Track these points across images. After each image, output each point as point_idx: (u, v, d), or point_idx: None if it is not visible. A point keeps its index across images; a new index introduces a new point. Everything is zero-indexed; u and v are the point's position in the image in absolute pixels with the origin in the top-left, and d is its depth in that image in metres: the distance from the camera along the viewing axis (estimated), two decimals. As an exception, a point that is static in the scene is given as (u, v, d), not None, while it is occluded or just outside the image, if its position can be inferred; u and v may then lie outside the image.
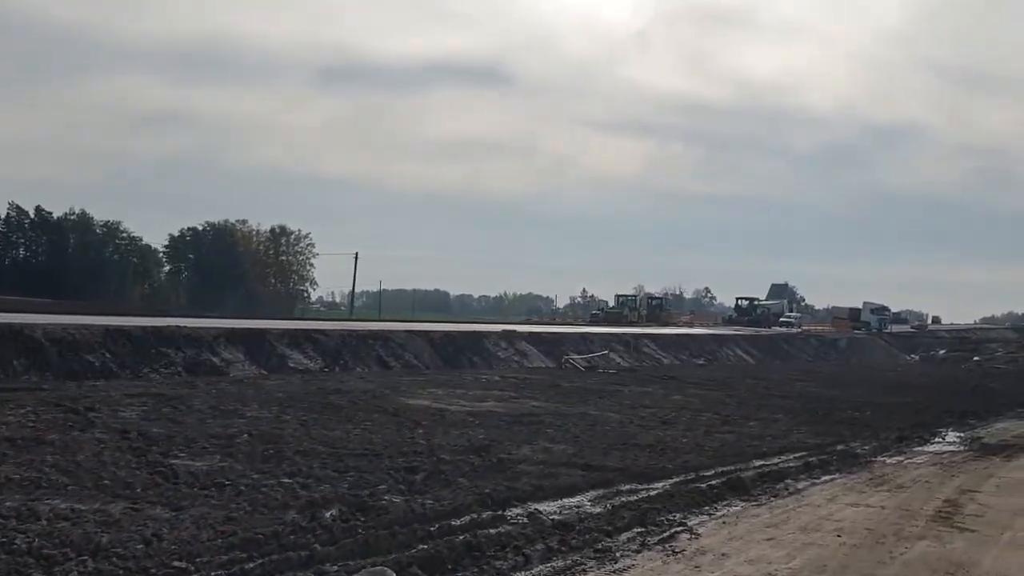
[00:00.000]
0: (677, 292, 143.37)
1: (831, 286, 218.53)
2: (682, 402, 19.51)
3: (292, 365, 24.82)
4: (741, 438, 14.26)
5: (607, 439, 12.92)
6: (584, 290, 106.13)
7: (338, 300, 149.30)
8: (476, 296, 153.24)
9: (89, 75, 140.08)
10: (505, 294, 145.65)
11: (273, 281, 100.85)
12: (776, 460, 12.25)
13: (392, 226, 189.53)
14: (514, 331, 37.38)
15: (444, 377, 23.12)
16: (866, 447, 14.27)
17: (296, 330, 27.44)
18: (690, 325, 65.21)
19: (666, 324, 64.40)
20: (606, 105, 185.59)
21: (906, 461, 13.11)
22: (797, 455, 12.77)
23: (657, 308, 69.91)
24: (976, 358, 58.96)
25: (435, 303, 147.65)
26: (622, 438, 13.11)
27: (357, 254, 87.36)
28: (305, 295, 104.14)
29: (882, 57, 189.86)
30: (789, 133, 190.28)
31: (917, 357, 64.12)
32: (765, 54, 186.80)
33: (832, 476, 11.26)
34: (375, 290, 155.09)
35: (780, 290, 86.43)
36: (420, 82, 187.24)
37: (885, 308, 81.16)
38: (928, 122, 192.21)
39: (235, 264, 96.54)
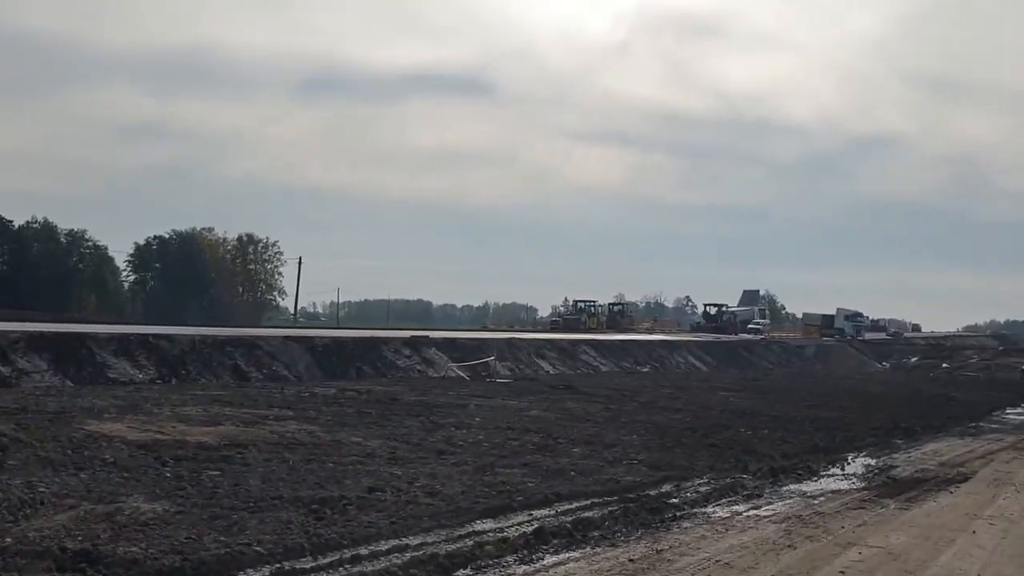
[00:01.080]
0: (658, 300, 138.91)
1: (812, 294, 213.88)
2: (530, 420, 15.13)
3: (112, 376, 20.58)
4: (536, 474, 9.94)
5: (294, 486, 8.47)
6: (566, 299, 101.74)
7: (319, 310, 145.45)
8: (459, 306, 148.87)
9: (70, 86, 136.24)
10: (487, 303, 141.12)
11: (241, 290, 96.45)
12: (539, 513, 7.91)
13: (375, 236, 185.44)
14: (426, 337, 32.92)
15: (244, 392, 18.49)
16: (707, 487, 9.91)
17: (130, 335, 23.05)
18: (650, 332, 60.76)
19: (626, 331, 59.93)
20: (588, 115, 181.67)
21: (748, 513, 8.76)
22: (582, 504, 8.40)
23: (618, 314, 65.42)
24: (945, 365, 54.52)
25: (417, 313, 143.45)
26: (321, 483, 8.67)
27: (301, 259, 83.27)
28: (274, 304, 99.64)
29: (860, 67, 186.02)
30: (769, 143, 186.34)
31: (887, 365, 59.65)
32: (744, 65, 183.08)
33: (584, 548, 6.84)
34: (357, 300, 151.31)
35: (752, 297, 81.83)
36: (401, 93, 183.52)
37: (859, 315, 76.69)
38: (906, 131, 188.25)
39: (200, 273, 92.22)
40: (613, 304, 66.68)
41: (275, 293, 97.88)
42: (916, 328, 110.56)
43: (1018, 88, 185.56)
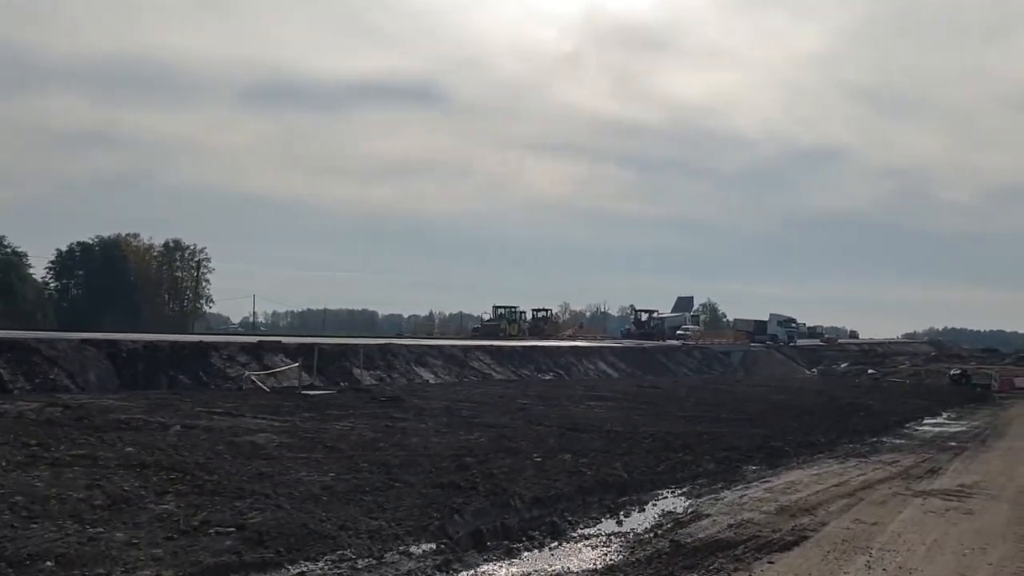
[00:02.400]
0: (603, 309, 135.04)
1: (758, 303, 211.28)
2: (205, 453, 10.39)
3: None
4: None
5: None
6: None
7: (261, 320, 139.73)
8: (406, 316, 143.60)
9: (10, 94, 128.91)
10: (433, 313, 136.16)
11: (167, 297, 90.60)
12: None
13: (322, 246, 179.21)
14: (278, 342, 28.13)
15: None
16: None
17: None
18: (573, 338, 56.37)
19: (549, 337, 55.49)
20: (539, 126, 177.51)
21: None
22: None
23: (542, 321, 60.99)
24: (871, 371, 51.05)
25: (362, 323, 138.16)
26: None
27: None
28: (201, 312, 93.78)
29: (804, 81, 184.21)
30: (716, 155, 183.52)
31: (815, 371, 55.92)
32: (692, 78, 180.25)
33: None
34: (298, 310, 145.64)
35: (686, 303, 77.99)
36: (351, 101, 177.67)
37: (792, 320, 73.03)
38: (849, 144, 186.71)
39: (122, 280, 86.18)
40: (537, 310, 62.23)
41: (202, 301, 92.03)
42: (854, 335, 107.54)
43: (957, 103, 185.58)
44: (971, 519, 9.02)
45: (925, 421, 25.02)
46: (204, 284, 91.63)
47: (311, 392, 20.55)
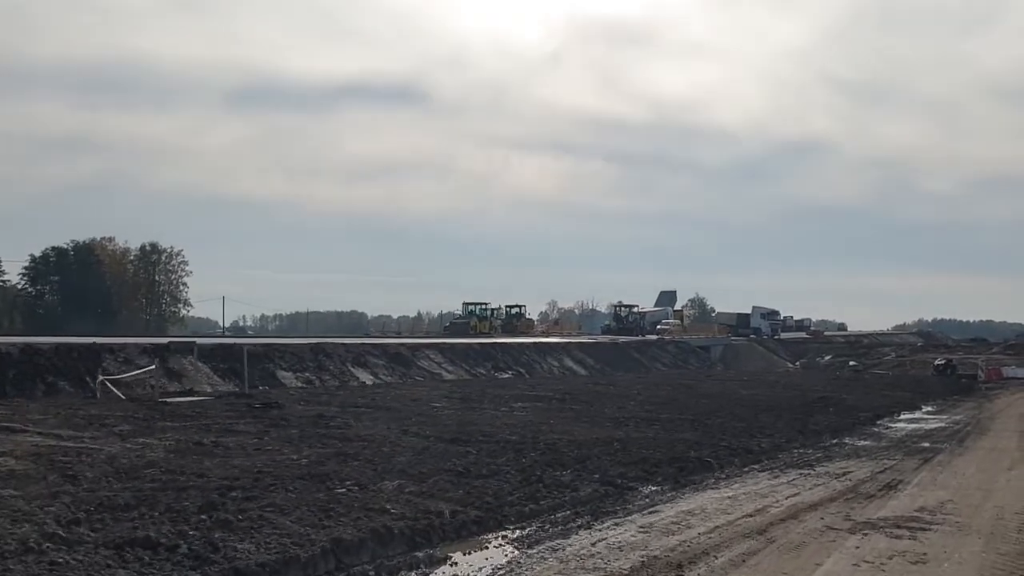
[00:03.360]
0: (592, 306, 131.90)
1: (746, 297, 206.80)
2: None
3: None
4: None
5: None
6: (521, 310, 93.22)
7: (250, 323, 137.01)
8: (395, 317, 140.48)
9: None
10: (421, 313, 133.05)
11: (144, 302, 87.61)
12: None
13: (308, 248, 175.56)
14: (193, 343, 25.19)
15: None
16: None
17: None
18: (546, 335, 53.37)
19: (523, 334, 52.48)
20: (524, 124, 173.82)
21: None
22: None
23: (515, 318, 57.94)
24: (853, 363, 48.21)
25: (348, 325, 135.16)
26: None
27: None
28: (179, 316, 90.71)
29: (786, 74, 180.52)
30: (700, 149, 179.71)
31: (798, 364, 52.99)
32: (674, 73, 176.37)
33: None
34: (287, 312, 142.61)
35: (669, 297, 74.96)
36: (333, 103, 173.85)
37: (776, 312, 70.04)
38: (833, 136, 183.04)
39: (97, 284, 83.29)
40: (511, 307, 59.08)
41: (179, 305, 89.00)
42: (842, 328, 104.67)
43: (939, 94, 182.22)
44: (924, 573, 6.08)
45: (901, 416, 22.10)
46: (182, 288, 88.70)
47: (171, 400, 17.51)
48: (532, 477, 9.00)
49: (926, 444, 15.27)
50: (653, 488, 9.10)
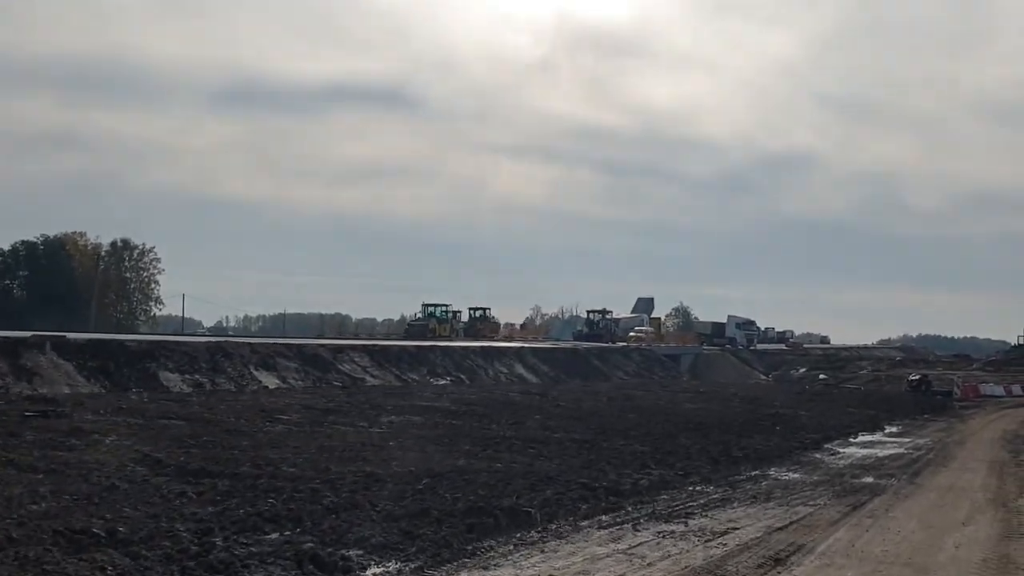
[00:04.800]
0: (575, 312, 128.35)
1: (731, 308, 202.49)
2: None
3: None
4: None
5: None
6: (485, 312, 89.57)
7: (232, 324, 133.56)
8: (380, 320, 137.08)
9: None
10: (405, 316, 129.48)
11: (115, 297, 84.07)
12: None
13: (294, 249, 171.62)
14: (63, 338, 21.87)
15: None
16: None
17: None
18: (510, 339, 50.03)
19: (485, 338, 49.15)
20: (513, 130, 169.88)
21: None
22: None
23: (479, 320, 54.64)
24: (822, 376, 44.97)
25: (333, 328, 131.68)
26: None
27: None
28: (150, 314, 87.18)
29: (775, 88, 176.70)
30: (688, 160, 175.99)
31: (770, 377, 49.64)
32: (663, 83, 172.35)
33: None
34: (271, 314, 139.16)
35: (646, 304, 71.84)
36: (321, 105, 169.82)
37: (751, 323, 66.75)
38: (821, 150, 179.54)
39: (66, 280, 79.86)
40: (474, 309, 55.75)
41: (151, 303, 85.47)
42: (824, 341, 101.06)
43: (927, 111, 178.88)
44: None
45: (857, 438, 18.81)
46: (153, 285, 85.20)
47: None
48: (207, 546, 5.63)
49: (869, 479, 11.95)
50: (391, 568, 5.73)
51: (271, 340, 30.72)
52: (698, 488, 10.13)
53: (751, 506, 9.09)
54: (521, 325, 65.05)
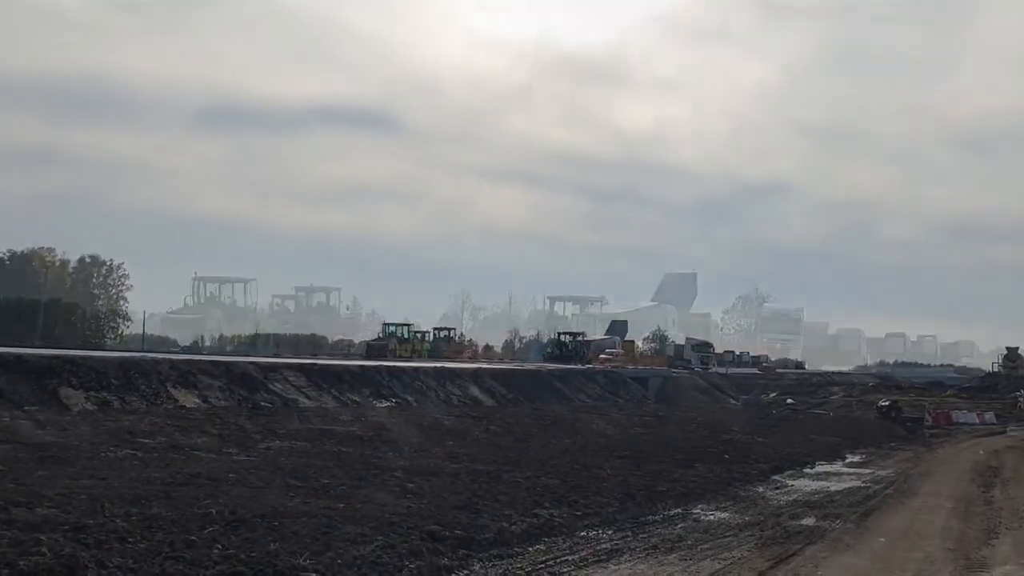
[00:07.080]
0: (553, 337, 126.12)
1: (710, 333, 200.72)
2: None
3: None
4: None
5: None
6: (461, 335, 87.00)
7: (208, 344, 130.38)
8: (357, 342, 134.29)
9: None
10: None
11: (82, 314, 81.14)
12: None
13: (275, 269, 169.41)
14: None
15: None
16: None
17: None
18: (473, 360, 47.92)
19: (448, 359, 47.02)
20: (494, 155, 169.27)
21: None
22: None
23: (443, 340, 52.62)
24: (790, 401, 43.15)
25: (313, 346, 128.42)
26: None
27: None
28: (118, 332, 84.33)
29: (752, 117, 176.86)
30: (666, 186, 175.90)
31: (740, 401, 47.72)
32: (642, 110, 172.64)
33: None
34: (247, 332, 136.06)
35: (620, 327, 70.31)
36: (304, 125, 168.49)
37: (708, 345, 65.93)
38: (797, 179, 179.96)
39: (31, 295, 77.06)
40: (439, 329, 53.81)
41: (119, 320, 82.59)
42: (799, 366, 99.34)
43: (901, 141, 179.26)
44: None
45: (813, 468, 16.87)
46: (122, 302, 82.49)
47: None
48: None
49: (808, 521, 9.95)
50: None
51: (197, 357, 28.45)
52: (591, 534, 8.08)
53: (644, 560, 7.04)
54: (486, 345, 63.02)
